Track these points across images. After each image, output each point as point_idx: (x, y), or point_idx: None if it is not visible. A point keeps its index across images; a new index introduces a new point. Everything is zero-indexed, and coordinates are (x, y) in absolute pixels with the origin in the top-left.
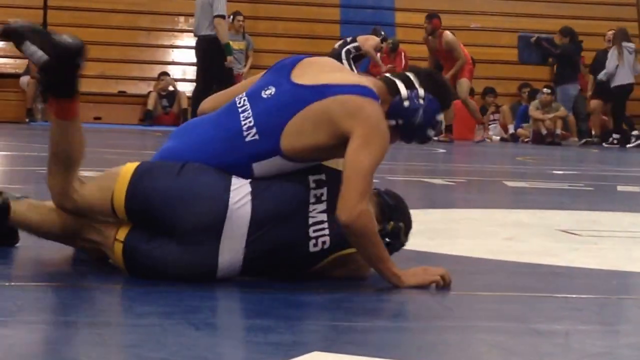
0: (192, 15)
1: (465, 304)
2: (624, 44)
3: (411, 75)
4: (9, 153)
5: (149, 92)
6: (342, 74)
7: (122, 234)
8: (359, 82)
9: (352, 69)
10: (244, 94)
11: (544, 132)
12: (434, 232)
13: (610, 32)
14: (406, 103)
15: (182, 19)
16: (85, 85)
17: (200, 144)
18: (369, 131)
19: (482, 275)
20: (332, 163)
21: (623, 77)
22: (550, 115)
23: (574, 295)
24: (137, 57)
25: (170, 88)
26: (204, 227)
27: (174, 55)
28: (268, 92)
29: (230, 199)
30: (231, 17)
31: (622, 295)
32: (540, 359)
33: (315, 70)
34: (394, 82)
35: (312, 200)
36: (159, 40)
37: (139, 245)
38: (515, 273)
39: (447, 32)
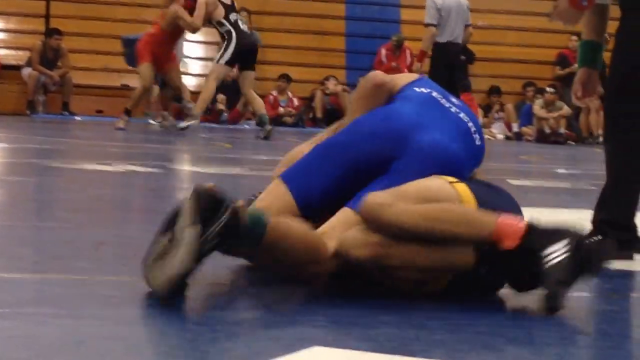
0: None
1: (471, 299)
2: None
3: None
4: (10, 145)
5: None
6: None
7: None
8: None
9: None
10: (433, 94)
11: (548, 131)
12: None
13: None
14: None
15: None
16: (88, 78)
17: (455, 134)
18: None
19: None
20: None
21: None
22: (555, 114)
23: (576, 294)
24: None
25: None
26: None
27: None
28: (448, 105)
29: None
30: None
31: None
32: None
33: None
34: None
35: None
36: None
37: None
38: None
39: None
